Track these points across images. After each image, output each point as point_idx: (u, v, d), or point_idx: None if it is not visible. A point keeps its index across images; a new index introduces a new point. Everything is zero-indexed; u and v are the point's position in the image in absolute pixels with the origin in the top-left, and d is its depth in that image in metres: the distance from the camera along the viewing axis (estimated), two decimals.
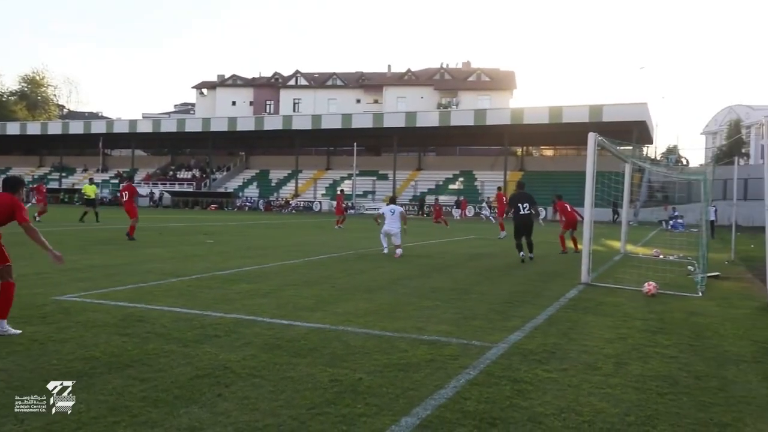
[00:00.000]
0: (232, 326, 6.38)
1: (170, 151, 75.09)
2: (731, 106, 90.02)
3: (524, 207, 14.45)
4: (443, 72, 78.08)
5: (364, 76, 79.86)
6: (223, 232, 22.11)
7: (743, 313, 8.10)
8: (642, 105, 47.94)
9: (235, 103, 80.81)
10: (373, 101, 77.08)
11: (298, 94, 79.81)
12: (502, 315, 7.43)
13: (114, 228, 22.44)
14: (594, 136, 10.77)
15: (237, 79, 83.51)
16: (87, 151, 73.79)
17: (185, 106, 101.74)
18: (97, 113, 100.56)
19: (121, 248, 14.64)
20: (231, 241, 18.33)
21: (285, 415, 3.94)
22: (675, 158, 71.41)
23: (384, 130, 56.16)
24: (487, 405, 4.20)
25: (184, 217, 34.59)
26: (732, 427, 3.97)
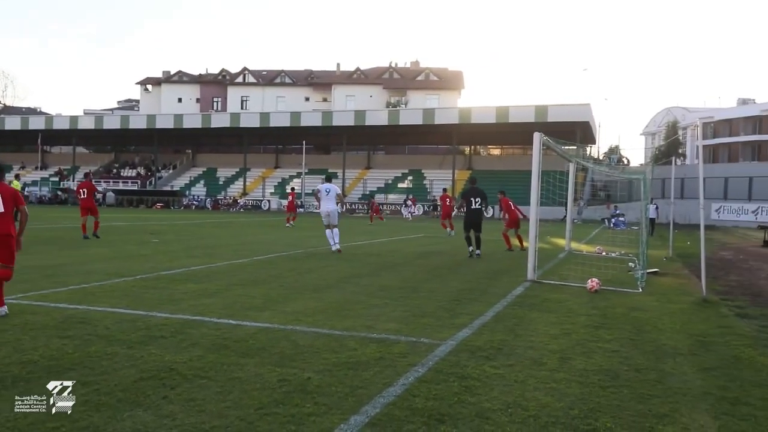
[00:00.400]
0: (178, 327, 6.26)
1: (114, 149, 73.07)
2: (669, 107, 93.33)
3: (476, 201, 14.86)
4: (392, 71, 78.31)
5: (312, 75, 79.43)
6: (169, 232, 21.66)
7: (680, 308, 8.40)
8: (585, 106, 49.20)
9: (181, 100, 79.21)
10: (322, 100, 76.77)
11: (246, 92, 78.79)
12: (451, 312, 7.51)
13: (55, 227, 21.71)
14: (539, 136, 10.99)
15: (183, 76, 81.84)
16: (25, 147, 71.03)
17: (129, 103, 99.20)
18: (35, 109, 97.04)
19: (62, 248, 14.18)
20: (177, 240, 17.98)
21: (233, 416, 3.89)
22: (617, 158, 73.58)
23: (333, 128, 56.05)
24: (435, 402, 4.24)
25: (129, 216, 33.73)
26: (669, 417, 4.12)
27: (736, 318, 7.76)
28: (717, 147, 77.59)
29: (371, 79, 76.50)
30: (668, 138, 70.43)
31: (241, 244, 16.82)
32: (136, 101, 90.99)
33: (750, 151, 73.99)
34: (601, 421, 4.00)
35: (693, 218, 35.93)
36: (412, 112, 55.92)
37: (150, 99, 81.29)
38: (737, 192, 42.55)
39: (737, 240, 25.34)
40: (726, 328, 7.09)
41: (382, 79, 76.33)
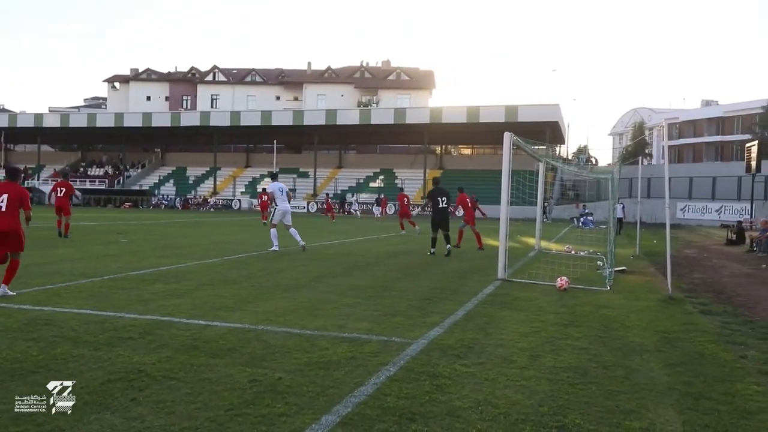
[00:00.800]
0: (147, 328, 6.18)
1: (80, 147, 71.73)
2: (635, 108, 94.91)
3: (442, 200, 15.21)
4: (363, 70, 78.30)
5: (283, 73, 79.00)
6: (138, 231, 21.35)
7: (647, 305, 8.55)
8: (555, 106, 49.78)
9: (150, 98, 78.14)
10: (293, 98, 76.41)
11: (216, 90, 78.07)
12: (422, 311, 7.53)
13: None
14: (509, 136, 11.08)
15: (152, 74, 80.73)
16: None
17: (96, 101, 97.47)
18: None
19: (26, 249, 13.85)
20: (146, 240, 17.73)
21: (202, 417, 3.85)
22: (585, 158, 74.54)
23: (304, 127, 55.84)
24: (406, 401, 4.25)
25: (96, 216, 33.16)
26: (636, 413, 4.19)
27: (700, 315, 7.93)
28: (682, 147, 79.20)
29: (342, 78, 76.38)
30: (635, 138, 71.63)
31: (212, 244, 16.66)
32: (103, 99, 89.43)
33: (713, 152, 75.66)
34: (569, 417, 4.05)
35: (659, 217, 36.62)
36: (384, 112, 55.98)
37: (118, 97, 79.99)
38: (701, 191, 43.46)
39: (701, 238, 25.89)
40: (690, 324, 7.24)
41: (353, 79, 76.26)
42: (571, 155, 79.20)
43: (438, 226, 15.08)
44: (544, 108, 49.32)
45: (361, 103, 71.88)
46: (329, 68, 77.87)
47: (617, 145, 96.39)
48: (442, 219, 15.16)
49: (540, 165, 18.07)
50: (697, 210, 41.30)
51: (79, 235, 18.15)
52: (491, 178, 49.06)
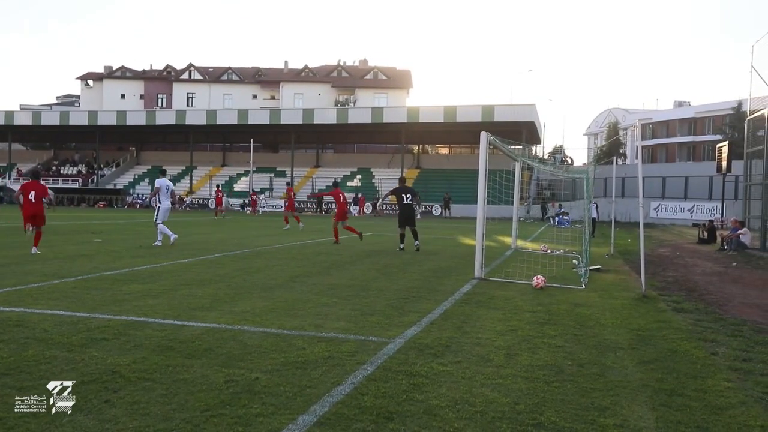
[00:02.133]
0: (121, 328, 6.10)
1: (53, 146, 70.62)
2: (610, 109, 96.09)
3: (407, 197, 15.72)
4: (340, 69, 78.19)
5: (260, 72, 78.60)
6: (113, 231, 21.07)
7: (621, 304, 8.66)
8: (531, 106, 50.12)
9: (125, 96, 77.24)
10: (270, 97, 76.05)
11: (191, 89, 77.40)
12: (399, 310, 7.55)
13: None
14: (486, 136, 11.14)
15: (126, 71, 79.80)
16: None
17: (69, 98, 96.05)
18: None
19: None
20: (121, 239, 17.50)
21: (178, 418, 3.82)
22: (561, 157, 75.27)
23: (281, 126, 55.59)
24: (384, 400, 4.26)
25: (69, 216, 32.66)
26: (610, 410, 4.24)
27: (673, 312, 8.05)
28: (655, 147, 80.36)
29: (320, 77, 76.21)
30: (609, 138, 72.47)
31: (188, 244, 16.50)
32: (76, 97, 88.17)
33: (686, 152, 76.91)
34: (545, 415, 4.09)
35: (633, 216, 37.11)
36: (361, 111, 55.91)
37: (91, 94, 78.92)
38: (674, 191, 44.10)
39: (674, 237, 26.28)
40: (663, 322, 7.35)
41: (330, 78, 76.12)
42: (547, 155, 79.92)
43: (405, 223, 15.65)
44: (521, 108, 49.64)
45: (339, 102, 71.78)
46: (306, 67, 77.63)
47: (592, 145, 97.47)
48: (408, 215, 15.73)
49: (516, 164, 18.20)
50: (670, 209, 41.91)
51: (53, 235, 17.84)
52: (468, 178, 49.36)
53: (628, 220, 38.23)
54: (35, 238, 13.16)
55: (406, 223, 15.67)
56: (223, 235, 20.43)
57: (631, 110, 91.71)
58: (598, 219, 24.63)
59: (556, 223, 34.62)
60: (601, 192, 41.68)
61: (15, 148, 65.10)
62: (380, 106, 61.40)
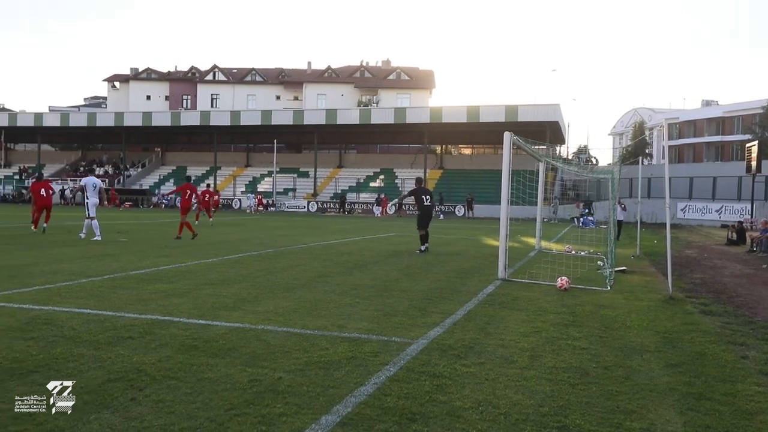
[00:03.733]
0: (146, 327, 6.17)
1: (80, 146, 71.73)
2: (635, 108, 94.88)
3: (427, 199, 15.80)
4: (363, 70, 78.29)
5: (284, 73, 79.01)
6: (138, 231, 21.33)
7: (647, 306, 8.54)
8: (555, 106, 49.71)
9: (150, 98, 78.16)
10: (293, 98, 76.43)
11: (216, 90, 78.09)
12: (422, 311, 7.53)
13: (20, 227, 21.24)
14: (510, 136, 11.08)
15: (152, 73, 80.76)
16: None
17: (96, 100, 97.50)
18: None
19: (26, 248, 13.88)
20: (146, 239, 17.71)
21: (202, 417, 3.84)
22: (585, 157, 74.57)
23: (304, 127, 55.81)
24: (407, 401, 4.25)
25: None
26: (636, 413, 4.18)
27: (701, 315, 7.92)
28: (682, 147, 79.20)
29: (342, 77, 76.39)
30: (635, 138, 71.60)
31: (212, 243, 16.65)
32: (103, 98, 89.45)
33: (714, 152, 75.68)
34: (570, 418, 4.04)
35: (659, 217, 36.62)
36: (384, 112, 55.92)
37: (118, 96, 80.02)
38: (702, 191, 43.42)
39: (702, 238, 25.87)
40: (691, 325, 7.23)
41: (353, 78, 76.26)
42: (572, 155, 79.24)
43: (426, 223, 15.68)
44: (545, 108, 49.26)
45: (361, 103, 71.85)
46: (329, 68, 77.87)
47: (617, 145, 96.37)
48: (429, 215, 15.81)
49: (540, 165, 18.06)
50: (697, 210, 41.27)
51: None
52: (491, 178, 49.11)
53: (654, 221, 37.72)
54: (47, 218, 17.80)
55: (427, 223, 15.67)
56: (246, 235, 20.57)
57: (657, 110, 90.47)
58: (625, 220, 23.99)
59: (580, 224, 34.29)
60: (626, 192, 41.13)
61: (44, 149, 66.25)
62: (403, 106, 61.32)
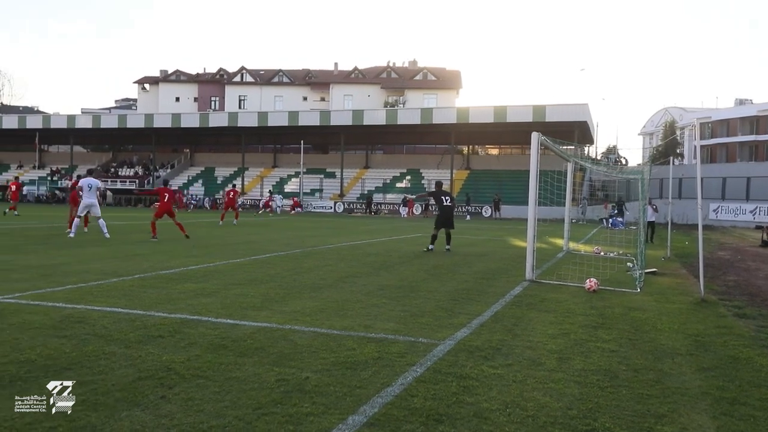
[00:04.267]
0: (176, 326, 6.25)
1: (111, 148, 72.99)
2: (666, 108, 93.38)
3: (446, 199, 15.93)
4: (390, 70, 78.36)
5: (310, 74, 79.45)
6: (167, 231, 21.59)
7: (678, 308, 8.40)
8: (583, 106, 49.20)
9: (179, 99, 79.23)
10: (320, 99, 76.80)
11: (243, 91, 78.81)
12: (449, 312, 7.50)
13: (53, 226, 21.67)
14: (537, 136, 10.98)
15: (180, 75, 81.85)
16: (22, 146, 70.86)
17: (127, 102, 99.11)
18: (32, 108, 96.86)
19: (59, 248, 14.16)
20: (175, 239, 17.93)
21: (230, 415, 3.88)
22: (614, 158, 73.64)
23: (331, 128, 56.03)
24: (433, 402, 4.23)
25: (126, 216, 33.67)
26: (668, 417, 4.11)
27: (734, 318, 7.77)
28: (715, 147, 77.73)
29: (369, 78, 76.55)
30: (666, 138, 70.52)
31: (239, 244, 16.80)
32: (133, 100, 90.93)
33: (747, 152, 74.16)
34: (599, 421, 3.99)
35: (691, 218, 35.97)
36: (410, 112, 55.89)
37: (147, 98, 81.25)
38: (735, 192, 42.60)
39: (735, 240, 25.37)
40: (724, 328, 7.09)
41: (380, 79, 76.37)
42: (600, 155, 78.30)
43: (444, 224, 15.75)
44: (573, 107, 48.77)
45: (388, 104, 71.91)
46: (356, 68, 78.09)
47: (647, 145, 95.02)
48: (448, 217, 15.84)
49: (568, 165, 17.87)
50: (730, 211, 40.51)
51: (111, 234, 18.42)
52: (519, 179, 48.79)
53: (686, 222, 37.10)
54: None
55: (445, 225, 15.75)
56: (274, 236, 20.72)
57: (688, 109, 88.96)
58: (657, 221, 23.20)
59: (609, 225, 33.88)
60: (657, 193, 40.54)
61: (76, 151, 67.54)
62: (430, 106, 61.28)
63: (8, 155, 71.43)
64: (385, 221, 36.60)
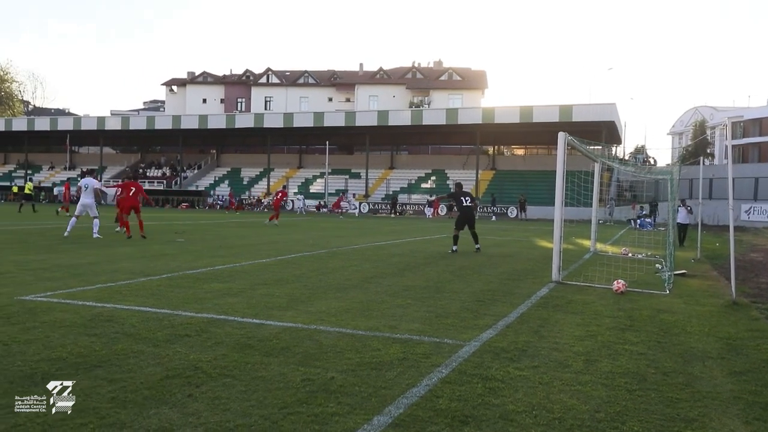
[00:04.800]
0: (203, 326, 6.31)
1: (140, 149, 74.06)
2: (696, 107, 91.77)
3: (466, 200, 15.93)
4: (415, 71, 78.27)
5: (336, 75, 79.71)
6: (194, 231, 21.86)
7: (709, 311, 8.26)
8: (611, 105, 48.66)
9: (206, 101, 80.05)
10: (345, 100, 77.00)
11: (269, 92, 79.36)
12: (474, 313, 7.47)
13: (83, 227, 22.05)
14: (564, 136, 10.88)
15: (207, 77, 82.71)
16: (53, 148, 72.35)
17: (155, 104, 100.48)
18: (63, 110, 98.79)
19: (89, 247, 14.40)
20: (202, 239, 18.14)
21: (256, 415, 3.90)
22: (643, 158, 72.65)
23: (356, 128, 56.19)
24: (459, 403, 4.22)
25: (155, 216, 34.12)
26: (698, 422, 4.04)
27: (767, 321, 7.61)
28: (747, 147, 76.23)
29: (394, 79, 76.56)
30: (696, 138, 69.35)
31: (265, 244, 16.92)
32: (161, 102, 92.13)
33: None
34: (628, 424, 3.94)
35: (722, 219, 35.36)
36: (435, 112, 55.82)
37: (175, 100, 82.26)
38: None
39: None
40: (756, 331, 6.95)
41: (405, 79, 76.34)
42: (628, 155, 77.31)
43: (463, 224, 15.77)
44: (600, 107, 48.28)
45: (413, 104, 71.86)
46: (381, 69, 78.16)
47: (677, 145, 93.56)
48: (468, 216, 15.83)
49: (595, 165, 17.68)
50: (763, 212, 39.70)
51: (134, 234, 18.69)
52: (545, 179, 48.42)
53: (716, 223, 36.46)
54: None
55: (465, 225, 15.77)
56: (299, 236, 20.83)
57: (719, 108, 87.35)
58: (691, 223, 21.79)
59: (637, 226, 33.45)
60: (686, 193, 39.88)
61: (105, 152, 68.65)
62: (455, 107, 61.11)
63: (40, 157, 72.92)
64: (410, 222, 36.57)
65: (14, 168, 70.56)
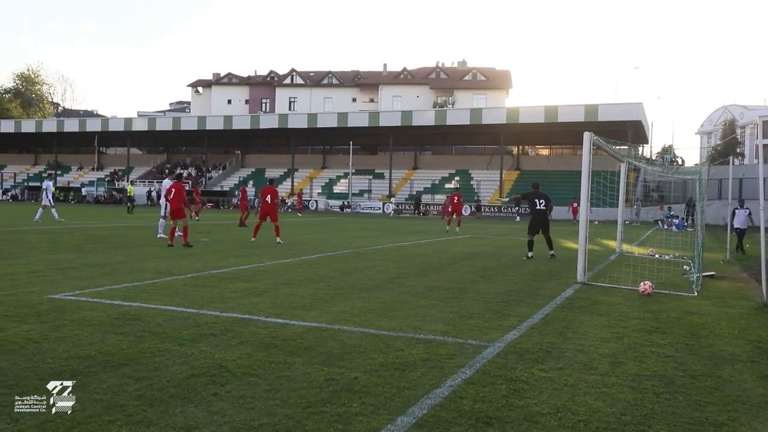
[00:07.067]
0: (227, 325, 6.37)
1: (166, 150, 74.92)
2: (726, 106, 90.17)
3: (540, 203, 14.90)
4: (439, 71, 78.09)
5: (359, 75, 79.85)
6: (219, 231, 22.05)
7: (738, 313, 8.11)
8: (637, 105, 48.04)
9: (231, 102, 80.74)
10: (369, 100, 77.10)
11: (293, 93, 79.77)
12: (498, 314, 7.43)
13: (111, 227, 22.37)
14: (589, 136, 10.78)
15: (232, 78, 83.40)
16: (82, 149, 73.63)
17: (181, 105, 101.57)
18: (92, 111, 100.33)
19: (117, 247, 14.61)
20: (226, 239, 18.29)
21: (281, 414, 3.93)
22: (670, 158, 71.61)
23: (380, 129, 56.22)
24: (483, 404, 4.20)
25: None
26: (727, 426, 3.97)
27: None
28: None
29: (418, 79, 76.47)
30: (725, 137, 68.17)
31: (289, 244, 17.01)
32: (187, 103, 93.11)
33: None
34: (654, 428, 3.89)
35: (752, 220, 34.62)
36: (459, 112, 55.61)
37: (200, 101, 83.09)
38: None
39: None
40: None
41: (428, 79, 76.21)
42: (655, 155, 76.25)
43: (537, 229, 14.86)
44: (626, 106, 47.69)
45: (437, 104, 71.71)
46: (405, 69, 78.13)
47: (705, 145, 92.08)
48: (542, 221, 14.91)
49: (622, 165, 17.47)
50: None
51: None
52: (570, 179, 47.98)
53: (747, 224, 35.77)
54: (276, 230, 17.43)
55: (538, 229, 14.88)
56: (323, 236, 20.90)
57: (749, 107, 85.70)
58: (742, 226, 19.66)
59: (665, 227, 32.99)
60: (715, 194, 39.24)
61: (132, 153, 69.59)
62: (479, 107, 60.86)
63: (69, 157, 74.18)
64: (433, 222, 36.48)
65: (44, 169, 71.82)
